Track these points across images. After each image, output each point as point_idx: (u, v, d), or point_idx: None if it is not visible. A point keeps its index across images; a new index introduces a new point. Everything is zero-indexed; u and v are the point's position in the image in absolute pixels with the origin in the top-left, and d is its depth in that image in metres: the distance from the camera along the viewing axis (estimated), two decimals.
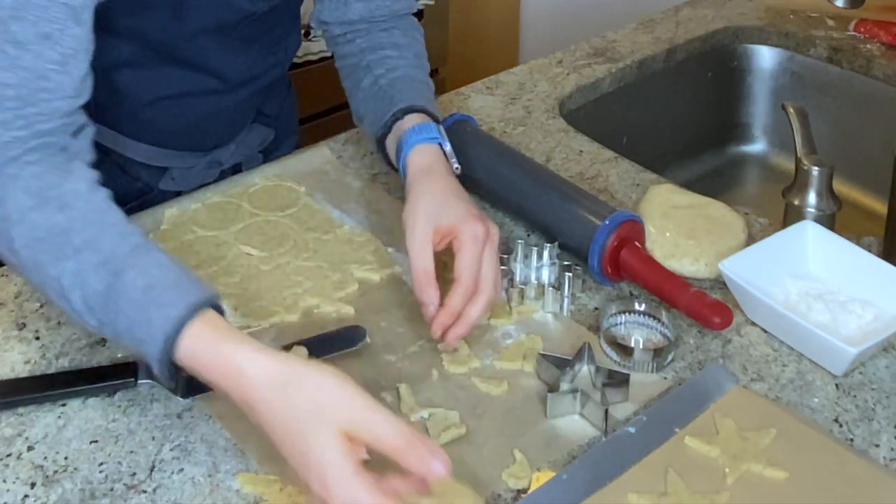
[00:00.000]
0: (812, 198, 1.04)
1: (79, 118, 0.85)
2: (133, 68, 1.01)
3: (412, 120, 0.99)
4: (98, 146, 1.08)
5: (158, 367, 0.75)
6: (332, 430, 0.67)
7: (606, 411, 0.81)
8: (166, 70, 0.96)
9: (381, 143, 1.03)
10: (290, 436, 0.69)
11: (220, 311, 0.76)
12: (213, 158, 1.16)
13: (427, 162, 0.96)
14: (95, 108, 1.05)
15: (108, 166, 1.10)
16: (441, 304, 0.87)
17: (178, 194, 1.14)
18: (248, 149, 1.20)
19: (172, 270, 0.77)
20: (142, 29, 0.98)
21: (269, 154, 1.23)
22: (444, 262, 0.94)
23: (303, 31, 1.99)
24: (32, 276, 0.80)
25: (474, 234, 0.88)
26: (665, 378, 0.86)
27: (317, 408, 0.68)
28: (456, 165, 0.99)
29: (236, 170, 1.20)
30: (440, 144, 0.98)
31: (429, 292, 0.87)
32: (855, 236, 0.98)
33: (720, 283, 0.95)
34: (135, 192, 1.13)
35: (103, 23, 0.95)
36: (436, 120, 1.01)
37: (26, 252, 0.78)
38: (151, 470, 0.78)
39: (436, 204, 0.91)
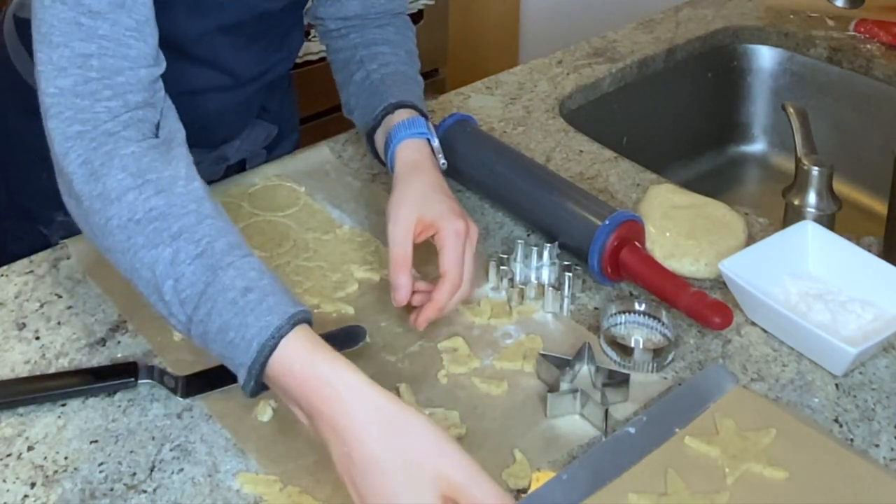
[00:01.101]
0: (812, 198, 1.04)
1: (161, 90, 0.84)
2: None
3: (402, 115, 1.01)
4: None
5: (245, 375, 0.73)
6: (432, 483, 0.65)
7: (606, 411, 0.81)
8: (178, 66, 0.97)
9: (370, 136, 1.05)
10: (381, 476, 0.66)
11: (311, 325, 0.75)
12: (219, 154, 1.16)
13: (415, 157, 0.97)
14: None
15: None
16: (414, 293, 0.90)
17: None
18: (253, 144, 1.21)
19: (267, 276, 0.76)
20: (157, 25, 0.98)
21: (271, 150, 1.24)
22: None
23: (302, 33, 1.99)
24: (123, 258, 0.78)
25: (457, 230, 0.90)
26: (665, 378, 0.86)
27: (418, 458, 0.66)
28: (443, 161, 1.00)
29: (241, 166, 1.21)
30: (429, 140, 1.00)
31: (402, 277, 0.88)
32: (855, 236, 0.98)
33: (720, 283, 0.95)
34: None
35: None
36: (424, 116, 1.02)
37: (121, 233, 0.77)
38: (151, 470, 0.78)
39: (421, 197, 0.92)
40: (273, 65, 1.11)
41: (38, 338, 0.91)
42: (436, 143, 1.00)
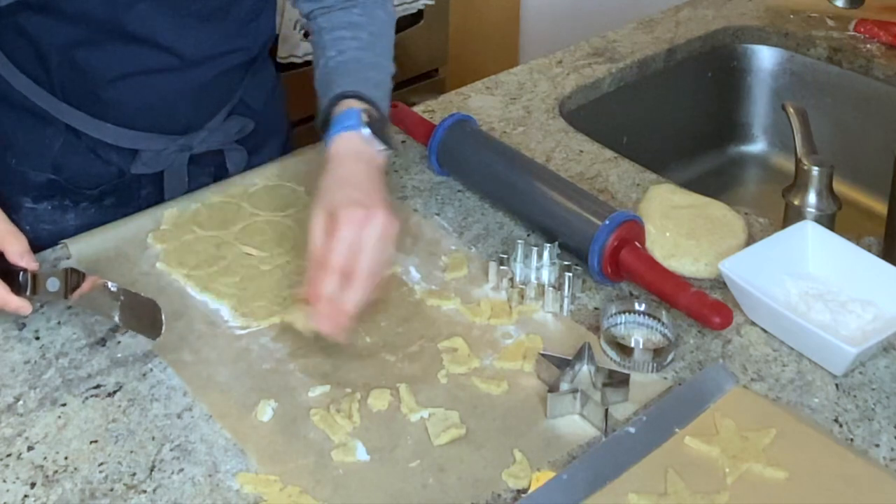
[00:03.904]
0: (812, 198, 1.04)
1: None
2: (89, 47, 1.02)
3: (341, 107, 0.98)
4: (70, 129, 1.08)
5: None
6: None
7: (606, 411, 0.81)
8: (120, 47, 0.97)
9: (323, 130, 1.01)
10: None
11: None
12: (184, 142, 1.14)
13: (334, 151, 0.95)
14: (62, 90, 1.06)
15: (81, 150, 1.10)
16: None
17: (155, 178, 1.14)
18: (224, 136, 1.18)
19: None
20: (84, 7, 0.99)
21: (253, 151, 1.21)
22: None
23: (303, 32, 2.00)
24: None
25: (349, 218, 0.85)
26: (665, 378, 0.86)
27: None
28: (380, 148, 0.96)
29: (219, 157, 1.18)
30: (362, 130, 0.96)
31: (315, 273, 0.85)
32: (855, 236, 0.98)
33: (720, 283, 0.95)
34: (109, 175, 1.13)
35: (50, 6, 0.97)
36: (371, 102, 0.98)
37: None
38: (151, 470, 0.78)
39: (325, 193, 0.90)
40: (231, 50, 1.10)
41: (38, 338, 0.91)
42: (366, 131, 0.96)
